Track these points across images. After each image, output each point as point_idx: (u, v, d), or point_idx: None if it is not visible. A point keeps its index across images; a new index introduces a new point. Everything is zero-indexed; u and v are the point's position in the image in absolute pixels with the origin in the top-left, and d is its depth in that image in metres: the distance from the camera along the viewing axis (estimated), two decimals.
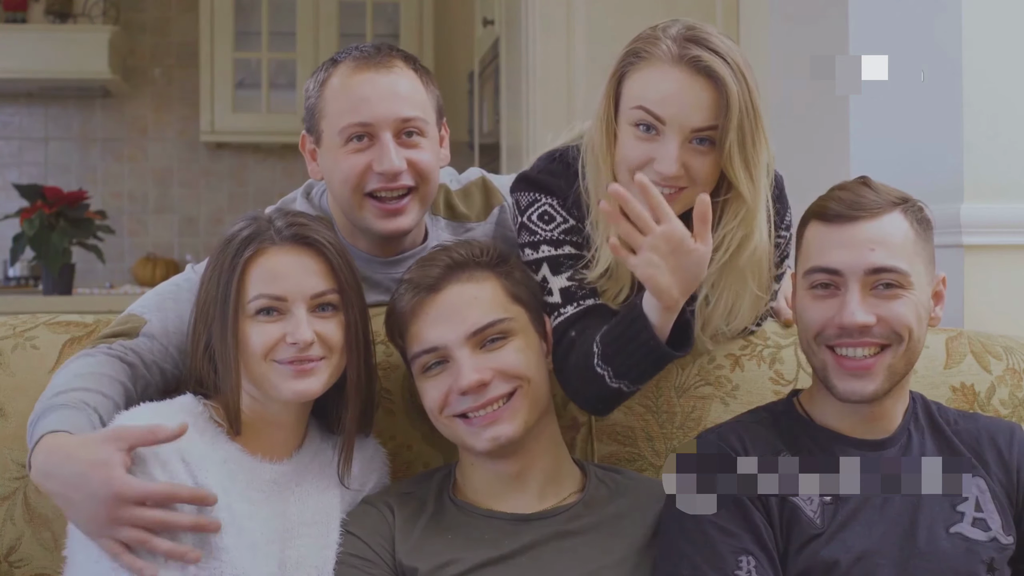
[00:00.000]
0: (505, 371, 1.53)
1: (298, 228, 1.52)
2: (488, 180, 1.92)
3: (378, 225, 1.72)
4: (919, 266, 1.48)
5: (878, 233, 1.46)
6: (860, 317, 1.44)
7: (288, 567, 1.49)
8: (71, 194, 4.54)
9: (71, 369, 1.54)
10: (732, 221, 1.57)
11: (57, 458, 1.37)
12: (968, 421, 1.60)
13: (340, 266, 1.53)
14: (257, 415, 1.52)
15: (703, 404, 1.78)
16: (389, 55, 1.72)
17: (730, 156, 1.52)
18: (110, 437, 1.36)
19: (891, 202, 1.49)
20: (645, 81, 1.54)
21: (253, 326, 1.49)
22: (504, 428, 1.52)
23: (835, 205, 1.49)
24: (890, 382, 1.48)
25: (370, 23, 5.85)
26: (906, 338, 1.46)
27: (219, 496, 1.43)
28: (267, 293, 1.49)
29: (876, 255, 1.45)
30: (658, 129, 1.53)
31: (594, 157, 1.59)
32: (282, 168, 6.05)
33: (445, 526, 1.55)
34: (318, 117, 1.73)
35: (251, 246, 1.50)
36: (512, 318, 1.56)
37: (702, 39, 1.53)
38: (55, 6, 5.59)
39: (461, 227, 1.86)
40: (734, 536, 1.44)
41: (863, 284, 1.46)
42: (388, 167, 1.67)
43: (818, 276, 1.49)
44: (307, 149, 1.78)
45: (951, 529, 1.48)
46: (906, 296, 1.46)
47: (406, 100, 1.70)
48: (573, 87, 3.72)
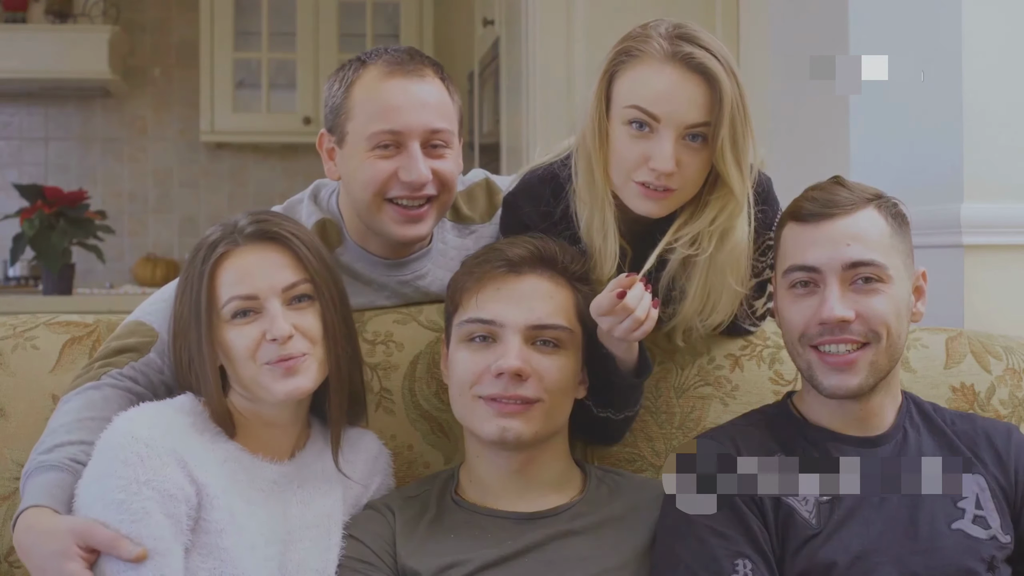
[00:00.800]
0: (543, 379, 1.53)
1: (260, 224, 1.51)
2: (492, 181, 1.92)
3: (396, 231, 1.71)
4: (896, 261, 1.49)
5: (854, 228, 1.48)
6: (839, 311, 1.46)
7: (289, 570, 1.49)
8: (71, 194, 4.54)
9: (73, 408, 1.53)
10: (720, 216, 1.59)
11: (31, 538, 1.41)
12: (965, 422, 1.60)
13: (308, 256, 1.51)
14: (253, 416, 1.52)
15: (703, 404, 1.78)
16: (421, 62, 1.71)
17: (722, 152, 1.53)
18: (76, 531, 1.38)
19: (865, 199, 1.50)
20: (638, 79, 1.55)
21: (231, 330, 1.48)
22: (517, 425, 1.52)
23: (809, 204, 1.51)
24: (874, 377, 1.49)
25: (370, 23, 5.85)
26: (884, 335, 1.47)
27: (219, 496, 1.43)
28: (238, 294, 1.48)
29: (852, 250, 1.47)
30: (652, 127, 1.54)
31: (586, 158, 1.60)
32: (282, 168, 6.05)
33: (448, 527, 1.55)
34: (343, 118, 1.71)
35: (216, 250, 1.49)
36: (572, 331, 1.57)
37: (692, 36, 1.54)
38: (55, 6, 5.59)
39: (466, 229, 1.86)
40: (729, 539, 1.44)
41: (841, 279, 1.47)
42: (416, 178, 1.67)
43: (796, 275, 1.50)
44: (325, 148, 1.76)
45: (953, 525, 1.49)
46: (885, 291, 1.47)
47: (435, 111, 1.69)
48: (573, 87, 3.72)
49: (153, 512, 1.38)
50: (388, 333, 1.77)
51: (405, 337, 1.75)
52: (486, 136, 4.74)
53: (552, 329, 1.54)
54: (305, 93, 5.75)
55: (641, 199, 1.57)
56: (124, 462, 1.39)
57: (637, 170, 1.55)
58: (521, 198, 1.70)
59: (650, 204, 1.57)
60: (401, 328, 1.76)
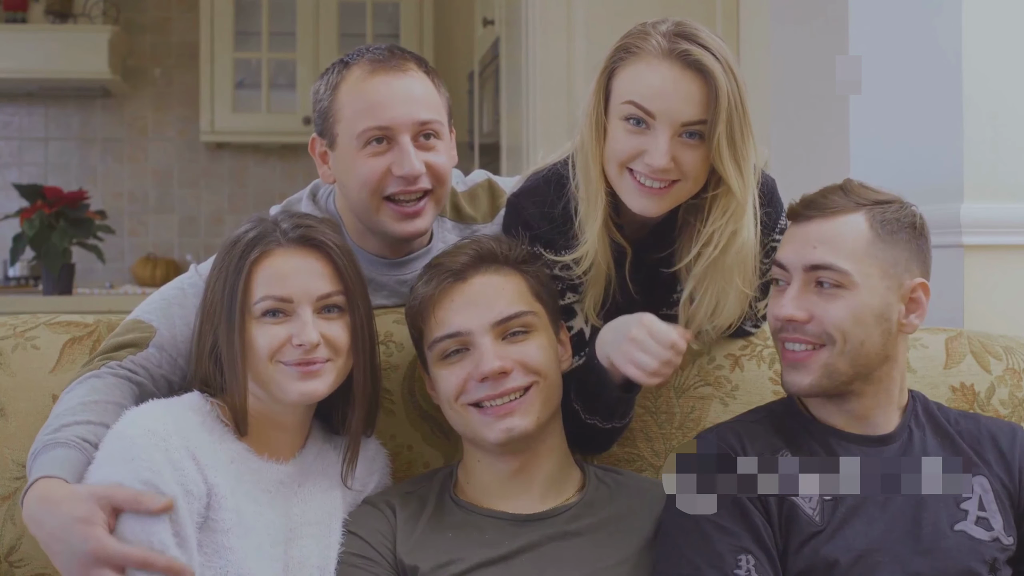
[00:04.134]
0: (526, 364, 1.54)
1: (304, 230, 1.52)
2: (494, 182, 1.92)
3: (396, 228, 1.72)
4: (871, 269, 1.47)
5: (826, 232, 1.48)
6: (788, 310, 1.48)
7: (291, 567, 1.49)
8: (71, 194, 4.54)
9: (76, 395, 1.53)
10: (721, 217, 1.59)
11: (45, 507, 1.38)
12: (969, 421, 1.60)
13: (346, 268, 1.52)
14: (262, 416, 1.52)
15: (702, 404, 1.78)
16: (402, 57, 1.72)
17: (719, 150, 1.53)
18: (97, 495, 1.36)
19: (856, 204, 1.49)
20: (635, 76, 1.55)
21: (259, 327, 1.48)
22: (518, 421, 1.52)
23: (797, 204, 1.53)
24: (830, 380, 1.48)
25: (370, 23, 5.85)
26: (839, 340, 1.46)
27: (226, 497, 1.43)
28: (273, 294, 1.48)
29: (817, 252, 1.47)
30: (648, 123, 1.54)
31: (584, 153, 1.61)
32: (282, 168, 6.05)
33: (446, 525, 1.56)
34: (332, 120, 1.71)
35: (257, 247, 1.50)
36: (535, 313, 1.58)
37: (691, 34, 1.54)
38: (55, 6, 5.59)
39: (468, 229, 1.87)
40: (733, 535, 1.44)
41: (804, 280, 1.48)
42: (409, 170, 1.67)
43: (775, 270, 1.53)
44: (317, 152, 1.77)
45: (955, 526, 1.49)
46: (845, 297, 1.46)
47: (422, 103, 1.70)
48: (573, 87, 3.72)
49: (178, 496, 1.37)
50: (388, 333, 1.77)
51: (405, 337, 1.75)
52: (486, 136, 4.73)
53: (516, 318, 1.56)
54: (305, 93, 5.75)
55: (637, 195, 1.57)
56: (145, 448, 1.38)
57: (632, 162, 1.56)
58: (525, 199, 1.70)
59: (645, 201, 1.57)
60: (401, 328, 1.76)
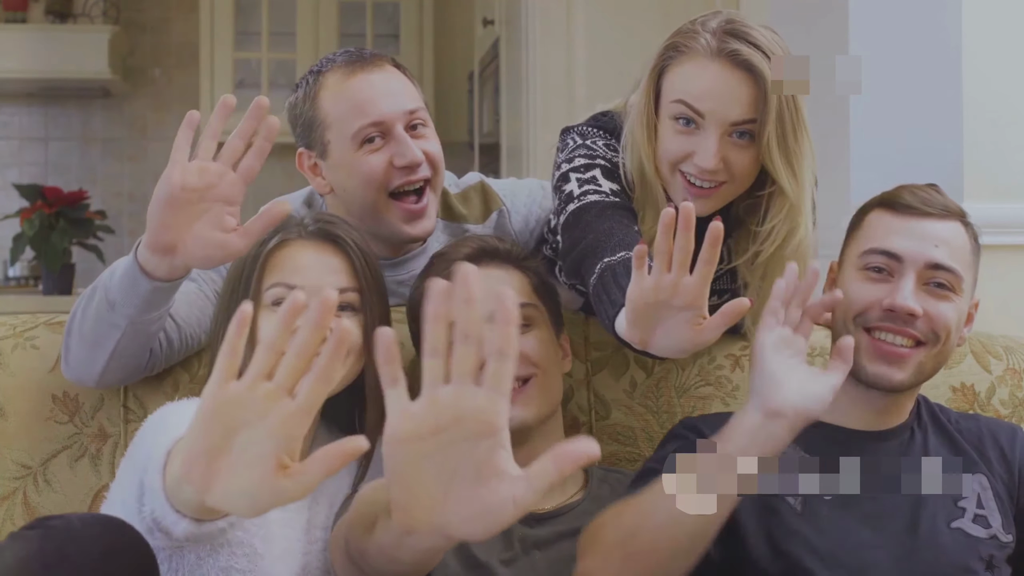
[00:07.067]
0: (526, 355, 1.54)
1: (324, 224, 1.52)
2: (487, 185, 1.92)
3: (404, 228, 1.72)
4: (968, 278, 1.51)
5: (944, 233, 1.49)
6: (911, 303, 1.46)
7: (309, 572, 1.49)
8: (71, 194, 4.54)
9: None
10: (777, 215, 1.58)
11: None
12: (970, 421, 1.61)
13: (363, 267, 1.50)
14: None
15: (703, 404, 1.78)
16: (375, 56, 1.74)
17: (769, 150, 1.52)
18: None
19: (956, 212, 1.52)
20: (684, 75, 1.54)
21: (266, 316, 1.45)
22: (518, 411, 1.51)
23: (908, 197, 1.52)
24: (917, 378, 1.50)
25: (370, 23, 5.85)
26: (943, 339, 1.48)
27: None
28: (284, 282, 1.46)
29: (939, 252, 1.48)
30: (697, 123, 1.53)
31: (635, 151, 1.60)
32: (282, 168, 6.00)
33: None
34: (320, 129, 1.71)
35: (275, 237, 1.49)
36: (536, 307, 1.59)
37: (741, 32, 1.53)
38: (55, 6, 5.59)
39: (459, 228, 1.86)
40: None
41: (919, 276, 1.48)
42: (412, 159, 1.68)
43: (876, 258, 1.50)
44: (307, 166, 1.76)
45: (952, 524, 1.49)
46: (953, 300, 1.48)
47: (405, 94, 1.72)
48: (573, 87, 3.72)
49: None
50: None
51: (404, 337, 1.74)
52: (486, 136, 4.73)
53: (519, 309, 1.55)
54: None
55: (687, 196, 1.56)
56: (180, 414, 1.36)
57: (682, 163, 1.55)
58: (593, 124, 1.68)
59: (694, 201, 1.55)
60: (400, 328, 1.76)
